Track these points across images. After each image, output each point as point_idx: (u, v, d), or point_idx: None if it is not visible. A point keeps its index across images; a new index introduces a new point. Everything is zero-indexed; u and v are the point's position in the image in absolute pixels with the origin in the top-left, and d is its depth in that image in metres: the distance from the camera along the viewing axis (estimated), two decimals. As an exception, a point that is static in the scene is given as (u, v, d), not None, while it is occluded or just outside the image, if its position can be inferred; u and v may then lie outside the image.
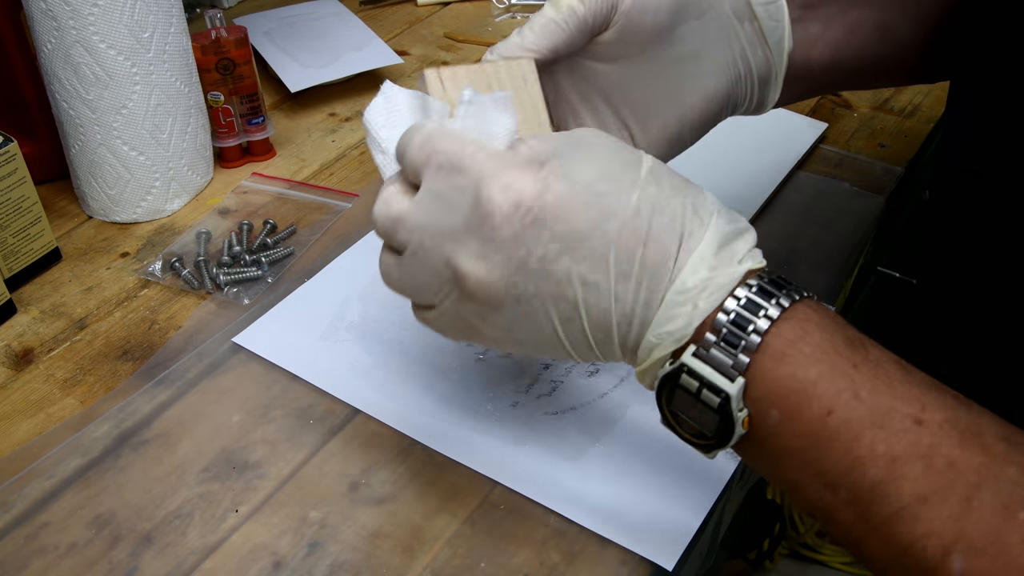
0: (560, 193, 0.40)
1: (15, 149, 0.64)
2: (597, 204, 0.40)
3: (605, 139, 0.43)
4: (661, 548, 0.50)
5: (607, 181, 0.41)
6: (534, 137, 0.43)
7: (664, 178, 0.42)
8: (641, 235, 0.40)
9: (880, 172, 0.79)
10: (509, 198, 0.40)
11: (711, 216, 0.41)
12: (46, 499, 0.53)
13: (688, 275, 0.40)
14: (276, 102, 0.90)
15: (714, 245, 0.41)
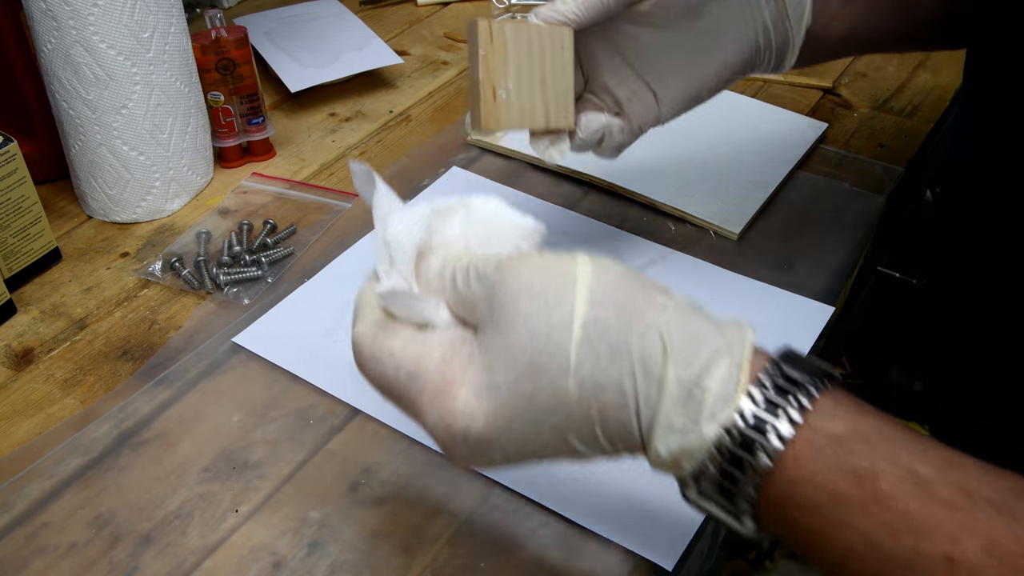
0: (488, 413, 0.38)
1: (15, 149, 0.64)
2: (531, 409, 0.38)
3: (526, 296, 0.38)
4: (661, 548, 0.50)
5: (534, 377, 0.37)
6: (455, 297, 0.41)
7: (601, 337, 0.37)
8: (593, 418, 0.37)
9: (880, 172, 0.79)
10: (445, 431, 0.39)
11: (663, 365, 0.37)
12: (46, 499, 0.53)
13: (659, 445, 0.37)
14: (276, 102, 0.90)
15: (674, 406, 0.36)
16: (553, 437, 0.38)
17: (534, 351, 0.37)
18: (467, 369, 0.39)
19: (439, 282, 0.41)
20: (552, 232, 0.73)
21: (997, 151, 0.62)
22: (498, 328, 0.38)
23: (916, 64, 0.95)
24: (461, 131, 0.84)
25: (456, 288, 0.41)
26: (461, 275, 0.41)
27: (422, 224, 0.42)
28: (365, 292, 0.43)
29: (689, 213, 0.73)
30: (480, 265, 0.40)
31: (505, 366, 0.38)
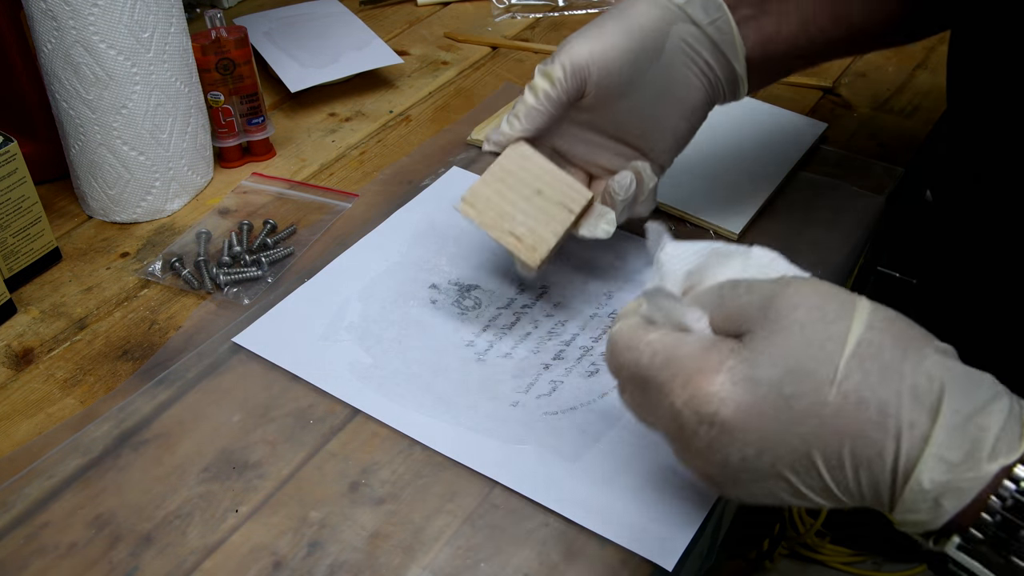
0: (741, 403, 0.38)
1: (15, 149, 0.64)
2: (786, 409, 0.38)
3: (804, 308, 0.39)
4: (661, 548, 0.50)
5: (797, 380, 0.38)
6: (733, 289, 0.42)
7: (874, 358, 0.37)
8: (845, 432, 0.37)
9: (880, 172, 0.79)
10: (693, 412, 0.39)
11: (939, 396, 0.36)
12: (46, 499, 0.53)
13: (924, 475, 0.36)
14: (276, 102, 0.90)
15: (949, 436, 0.36)
16: (797, 448, 0.38)
17: (803, 355, 0.38)
18: (728, 359, 0.39)
19: (707, 296, 0.43)
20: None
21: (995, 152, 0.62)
22: (770, 330, 0.39)
23: (916, 64, 0.95)
24: (461, 131, 0.84)
25: (723, 298, 0.42)
26: (731, 288, 0.42)
27: (699, 256, 0.45)
28: (628, 305, 0.46)
29: (689, 213, 0.73)
30: (755, 281, 0.41)
31: (770, 363, 0.38)
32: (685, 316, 0.42)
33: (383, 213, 0.74)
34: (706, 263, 0.46)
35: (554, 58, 0.58)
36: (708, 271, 0.45)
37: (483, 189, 0.58)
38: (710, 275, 0.45)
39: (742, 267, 0.45)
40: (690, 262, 0.46)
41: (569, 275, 0.68)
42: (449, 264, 0.69)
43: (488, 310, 0.65)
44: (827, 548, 1.39)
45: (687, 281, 0.46)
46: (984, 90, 0.61)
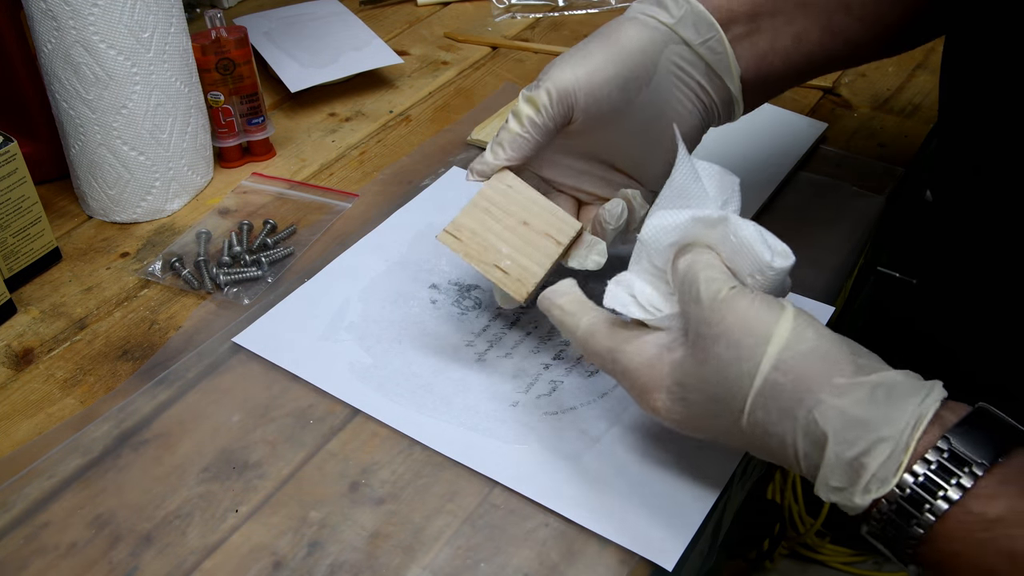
0: (681, 415, 0.46)
1: (15, 149, 0.64)
2: (713, 423, 0.45)
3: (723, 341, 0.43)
4: (661, 548, 0.50)
5: (716, 406, 0.44)
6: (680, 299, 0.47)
7: (775, 399, 0.42)
8: (759, 447, 0.45)
9: (880, 172, 0.79)
10: (655, 416, 0.48)
11: (823, 440, 0.41)
12: (46, 499, 0.53)
13: (821, 492, 0.42)
14: (276, 102, 0.90)
15: (832, 472, 0.41)
16: (734, 444, 0.46)
17: (719, 387, 0.44)
18: (666, 377, 0.46)
19: (678, 283, 0.47)
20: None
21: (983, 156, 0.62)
22: (695, 358, 0.45)
23: (916, 64, 0.95)
24: (461, 131, 0.84)
25: (682, 297, 0.47)
26: (688, 288, 0.46)
27: (681, 230, 0.48)
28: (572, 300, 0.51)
29: (689, 213, 0.73)
30: (702, 289, 0.45)
31: (696, 388, 0.45)
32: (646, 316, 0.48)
33: (383, 213, 0.74)
34: (691, 234, 0.48)
35: (539, 83, 0.55)
36: (698, 238, 0.48)
37: (467, 220, 0.56)
38: (699, 240, 0.48)
39: (721, 236, 0.47)
40: (674, 234, 0.48)
41: (569, 275, 0.68)
42: (449, 264, 0.69)
43: (488, 310, 0.65)
44: (827, 548, 1.39)
45: (679, 249, 0.48)
46: (979, 90, 0.61)
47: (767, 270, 0.46)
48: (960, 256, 0.70)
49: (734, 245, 0.46)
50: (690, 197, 0.49)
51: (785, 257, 0.46)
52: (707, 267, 0.46)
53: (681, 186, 0.49)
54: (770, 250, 0.46)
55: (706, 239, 0.48)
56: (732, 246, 0.46)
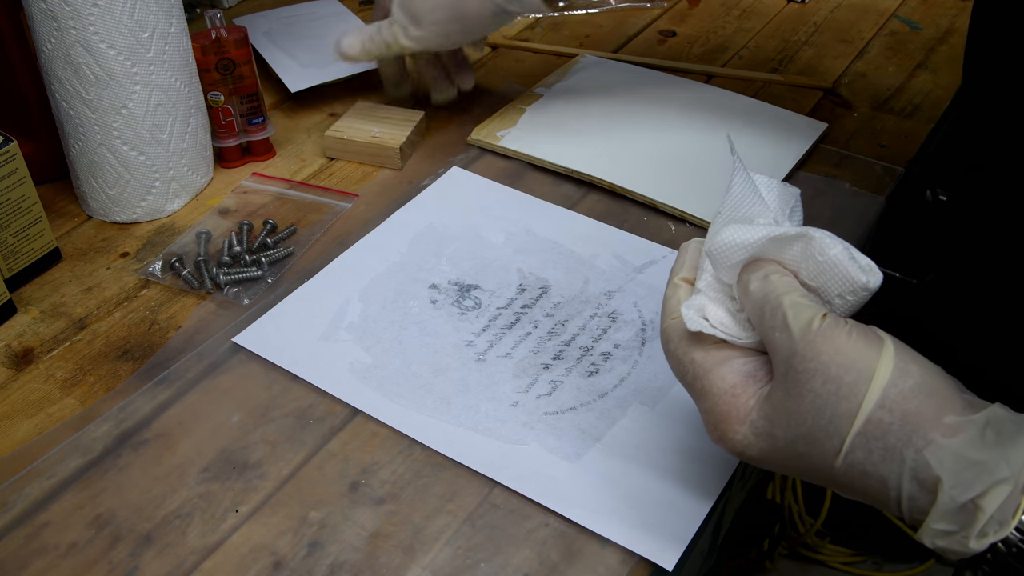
0: (762, 451, 0.43)
1: (15, 149, 0.64)
2: (800, 461, 0.42)
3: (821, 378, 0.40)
4: (661, 548, 0.50)
5: (808, 444, 0.41)
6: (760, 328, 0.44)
7: (880, 438, 0.40)
8: (853, 488, 0.41)
9: (880, 172, 0.79)
10: (725, 447, 0.44)
11: (935, 483, 0.39)
12: (46, 499, 0.53)
13: (925, 538, 0.40)
14: (276, 102, 0.90)
15: (944, 516, 0.39)
16: (816, 481, 0.43)
17: (814, 426, 0.41)
18: (752, 409, 0.43)
19: (751, 304, 0.44)
20: (552, 232, 0.73)
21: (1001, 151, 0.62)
22: (788, 393, 0.41)
23: (916, 64, 0.95)
24: (461, 131, 0.84)
25: (763, 322, 0.43)
26: (770, 313, 0.43)
27: (753, 248, 0.45)
28: (677, 291, 0.48)
29: (689, 213, 0.73)
30: (791, 316, 0.42)
31: (786, 425, 0.42)
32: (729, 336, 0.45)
33: (383, 213, 0.74)
34: (763, 251, 0.45)
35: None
36: (771, 255, 0.45)
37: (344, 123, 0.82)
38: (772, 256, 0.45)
39: (803, 254, 0.44)
40: (745, 252, 0.45)
41: (569, 275, 0.68)
42: (449, 264, 0.69)
43: (488, 310, 0.65)
44: (827, 548, 1.39)
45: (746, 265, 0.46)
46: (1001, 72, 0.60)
47: (861, 291, 0.43)
48: (961, 256, 0.70)
49: (820, 264, 0.44)
50: (751, 209, 0.47)
51: (876, 274, 0.43)
52: (788, 291, 0.43)
53: (740, 199, 0.47)
54: (861, 269, 0.43)
55: (777, 256, 0.45)
56: (818, 265, 0.44)
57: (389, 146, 0.79)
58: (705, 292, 0.47)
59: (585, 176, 0.77)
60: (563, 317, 0.64)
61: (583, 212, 0.74)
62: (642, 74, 0.91)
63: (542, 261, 0.69)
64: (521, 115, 0.84)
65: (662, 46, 0.99)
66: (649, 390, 0.59)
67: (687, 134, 0.82)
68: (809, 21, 1.03)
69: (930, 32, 1.01)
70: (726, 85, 0.90)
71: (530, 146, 0.80)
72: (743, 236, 0.45)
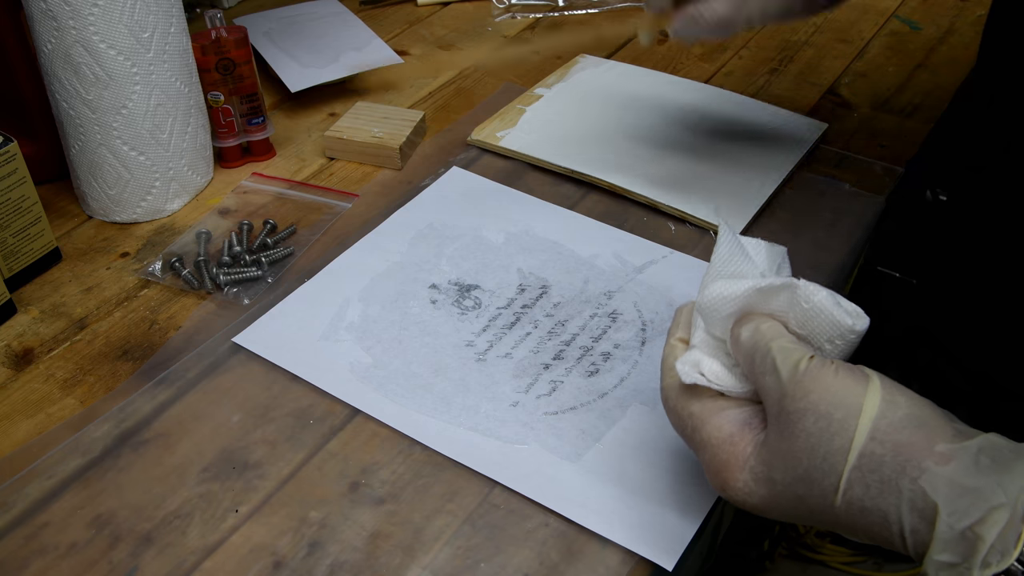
0: (763, 497, 0.43)
1: (15, 149, 0.64)
2: (800, 504, 0.42)
3: (811, 416, 0.41)
4: (661, 548, 0.50)
5: (806, 486, 0.42)
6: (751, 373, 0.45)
7: (874, 471, 0.40)
8: (855, 526, 0.42)
9: (880, 172, 0.79)
10: (727, 496, 0.45)
11: (934, 511, 0.38)
12: (46, 499, 0.53)
13: (931, 570, 0.39)
14: (276, 102, 0.90)
15: (945, 546, 0.38)
16: (821, 524, 0.43)
17: (810, 466, 0.41)
18: (750, 456, 0.44)
19: (742, 354, 0.45)
20: (552, 232, 0.73)
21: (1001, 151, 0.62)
22: (781, 434, 0.42)
23: (916, 64, 0.95)
24: (461, 131, 0.84)
25: (753, 368, 0.44)
26: (760, 359, 0.44)
27: (741, 301, 0.46)
28: (674, 350, 0.49)
29: (689, 213, 0.73)
30: (779, 360, 0.43)
31: (783, 467, 0.42)
32: (724, 388, 0.46)
33: (383, 213, 0.74)
34: (751, 304, 0.46)
35: None
36: (758, 306, 0.46)
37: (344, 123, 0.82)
38: (760, 308, 0.46)
39: (789, 302, 0.45)
40: (733, 305, 0.46)
41: (569, 275, 0.68)
42: (449, 264, 0.69)
43: (488, 310, 0.65)
44: (827, 548, 1.39)
45: (738, 319, 0.47)
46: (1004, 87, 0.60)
47: (848, 334, 0.44)
48: (960, 256, 0.70)
49: (807, 312, 0.45)
50: (739, 267, 0.48)
51: (862, 318, 0.44)
52: (776, 336, 0.44)
53: (728, 257, 0.48)
54: (847, 313, 0.44)
55: (765, 307, 0.46)
56: (804, 313, 0.45)
57: (389, 146, 0.79)
58: (700, 348, 0.48)
59: (585, 176, 0.77)
60: (563, 317, 0.64)
61: (583, 212, 0.74)
62: (642, 74, 0.91)
63: (542, 261, 0.69)
64: (521, 115, 0.84)
65: (662, 46, 0.99)
66: (649, 390, 0.59)
67: (687, 134, 0.82)
68: (809, 21, 1.03)
69: (930, 32, 1.01)
70: (726, 85, 0.90)
71: (530, 146, 0.80)
72: (731, 289, 0.46)
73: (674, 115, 0.84)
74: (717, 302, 0.47)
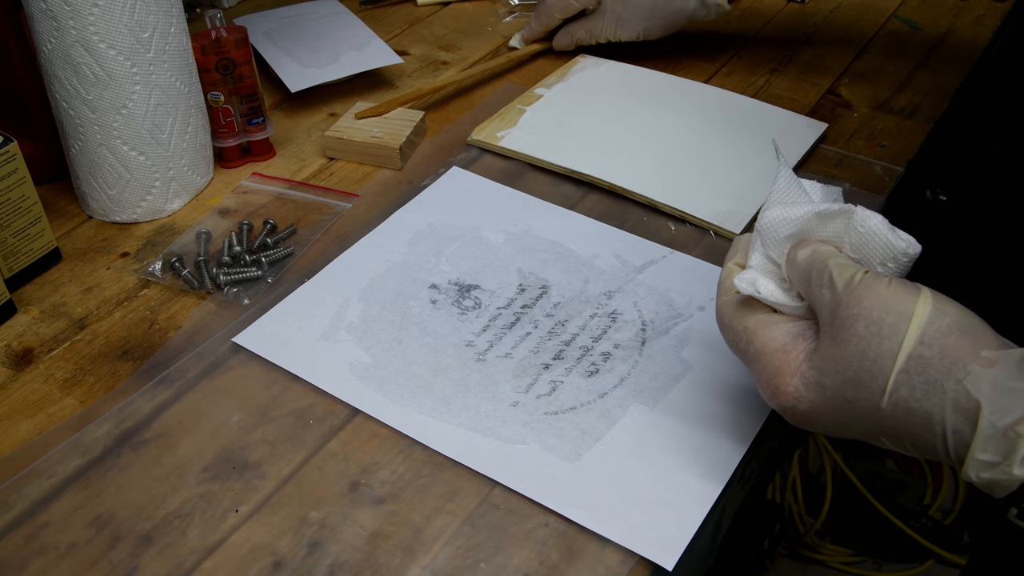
0: (813, 401, 0.46)
1: (15, 149, 0.64)
2: (848, 409, 0.45)
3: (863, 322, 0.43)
4: (661, 548, 0.50)
5: (855, 388, 0.44)
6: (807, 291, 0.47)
7: (921, 373, 0.42)
8: (899, 431, 0.43)
9: (880, 172, 0.79)
10: (774, 402, 0.48)
11: (976, 411, 0.41)
12: (46, 499, 0.53)
13: (971, 472, 0.41)
14: (276, 102, 0.90)
15: (986, 444, 0.40)
16: (865, 432, 0.45)
17: (859, 368, 0.43)
18: (802, 363, 0.46)
19: (798, 273, 0.48)
20: (552, 232, 0.73)
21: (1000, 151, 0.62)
22: (834, 340, 0.44)
23: (916, 64, 0.95)
24: (461, 131, 0.84)
25: (810, 284, 0.47)
26: (816, 275, 0.46)
27: (800, 223, 0.49)
28: (732, 272, 0.51)
29: (689, 213, 0.73)
30: (835, 274, 0.45)
31: (833, 371, 0.44)
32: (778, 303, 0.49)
33: (383, 213, 0.74)
34: (808, 228, 0.49)
35: None
36: (816, 232, 0.49)
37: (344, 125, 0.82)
38: (817, 234, 0.49)
39: (845, 227, 0.48)
40: (792, 227, 0.49)
41: (569, 275, 0.68)
42: (449, 264, 0.69)
43: (488, 310, 0.65)
44: (827, 548, 1.39)
45: (795, 243, 0.50)
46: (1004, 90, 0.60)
47: (901, 257, 0.47)
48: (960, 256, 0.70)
49: (862, 236, 0.47)
50: (796, 198, 0.51)
51: (915, 244, 0.47)
52: (833, 255, 0.47)
53: (786, 190, 0.51)
54: (901, 239, 0.47)
55: (822, 232, 0.49)
56: (859, 237, 0.47)
57: (389, 146, 0.79)
58: (756, 268, 0.51)
59: (585, 176, 0.77)
60: (563, 317, 0.64)
61: (583, 212, 0.74)
62: (642, 74, 0.91)
63: (542, 261, 0.69)
64: (521, 115, 0.84)
65: (662, 46, 0.98)
66: (649, 390, 0.59)
67: (687, 134, 0.82)
68: (809, 21, 1.03)
69: (930, 32, 1.00)
70: (726, 85, 0.90)
71: (530, 146, 0.80)
72: (790, 213, 0.49)
73: (674, 115, 0.84)
74: (776, 224, 0.50)
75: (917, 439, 0.43)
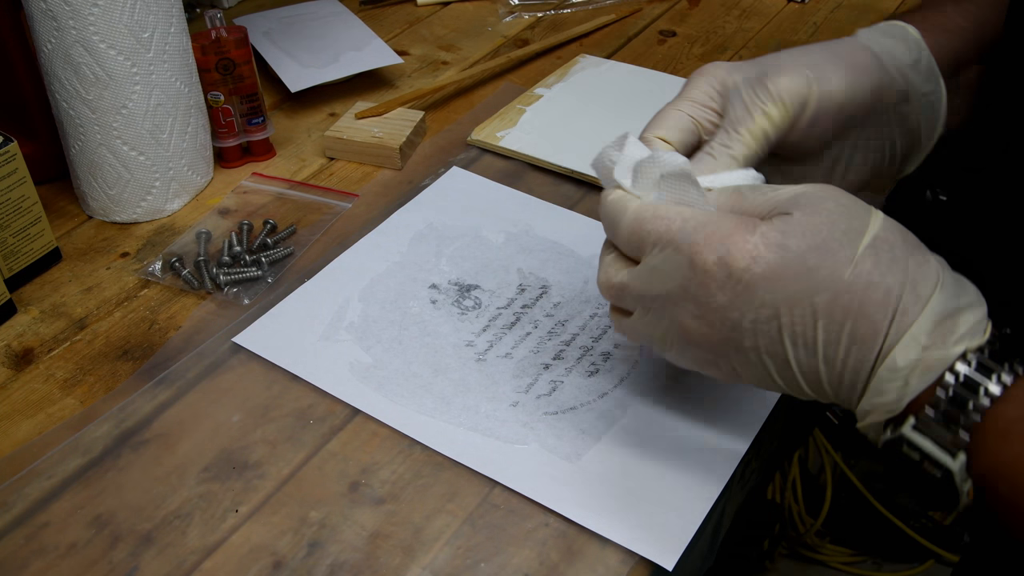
0: (770, 263, 0.42)
1: (15, 149, 0.64)
2: (807, 277, 0.42)
3: (832, 202, 0.43)
4: (661, 548, 0.50)
5: (820, 254, 0.42)
6: (754, 190, 0.46)
7: (885, 250, 0.42)
8: (851, 310, 0.42)
9: (880, 172, 0.79)
10: (722, 268, 0.43)
11: (932, 291, 0.42)
12: (46, 499, 0.53)
13: (899, 354, 0.41)
14: (276, 102, 0.90)
15: (930, 324, 0.41)
16: (806, 317, 0.42)
17: (828, 236, 0.42)
18: (761, 224, 0.43)
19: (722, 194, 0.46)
20: (552, 232, 0.73)
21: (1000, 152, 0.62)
22: (802, 212, 0.43)
23: (916, 64, 0.94)
24: (461, 131, 0.84)
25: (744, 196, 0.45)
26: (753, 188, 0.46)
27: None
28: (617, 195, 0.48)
29: (689, 213, 0.73)
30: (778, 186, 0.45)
31: (800, 235, 0.42)
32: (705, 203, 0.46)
33: (383, 213, 0.74)
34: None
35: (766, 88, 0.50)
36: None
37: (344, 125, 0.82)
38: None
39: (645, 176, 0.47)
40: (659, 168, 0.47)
41: (569, 275, 0.68)
42: (449, 264, 0.69)
43: (488, 310, 0.65)
44: (827, 548, 1.39)
45: None
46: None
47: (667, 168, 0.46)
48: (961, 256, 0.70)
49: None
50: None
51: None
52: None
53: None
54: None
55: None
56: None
57: (389, 146, 0.79)
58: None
59: (585, 176, 0.77)
60: (563, 317, 0.64)
61: (583, 212, 0.74)
62: (642, 74, 0.91)
63: (542, 261, 0.69)
64: (521, 115, 0.84)
65: (662, 46, 0.99)
66: (649, 390, 0.59)
67: (687, 134, 0.82)
68: (809, 21, 1.03)
69: (930, 32, 1.00)
70: (726, 85, 0.90)
71: (530, 146, 0.80)
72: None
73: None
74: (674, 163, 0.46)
75: (863, 323, 0.41)
